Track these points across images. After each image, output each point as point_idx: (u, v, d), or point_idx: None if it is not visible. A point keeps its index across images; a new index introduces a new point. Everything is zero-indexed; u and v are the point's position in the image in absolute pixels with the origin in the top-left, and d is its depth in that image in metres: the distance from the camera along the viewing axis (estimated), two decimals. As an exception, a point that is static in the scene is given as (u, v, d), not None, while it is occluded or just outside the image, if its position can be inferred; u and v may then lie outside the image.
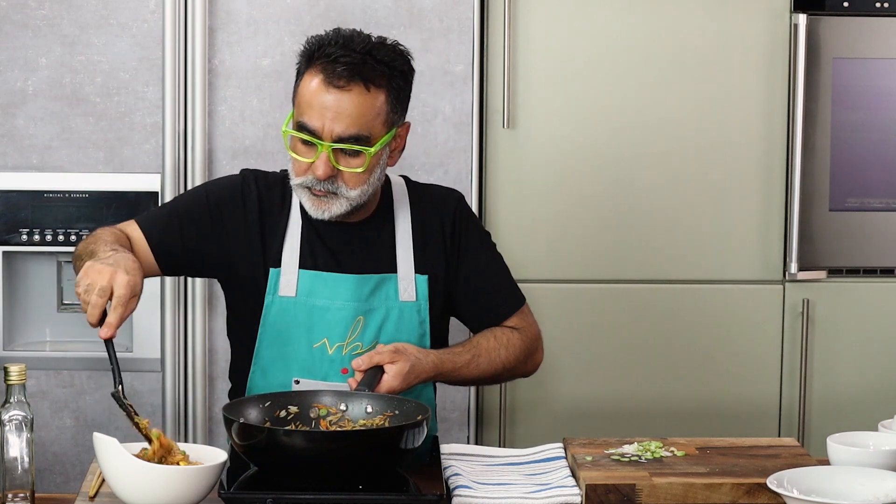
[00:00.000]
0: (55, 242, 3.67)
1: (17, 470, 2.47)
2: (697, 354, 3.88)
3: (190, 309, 3.69)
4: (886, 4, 3.84)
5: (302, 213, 2.90)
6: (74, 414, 3.71)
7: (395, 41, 2.85)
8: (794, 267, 3.83)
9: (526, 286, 3.09)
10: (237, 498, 2.44)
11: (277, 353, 2.88)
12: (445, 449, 2.78)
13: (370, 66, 2.77)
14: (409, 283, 2.90)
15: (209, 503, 2.46)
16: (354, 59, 2.76)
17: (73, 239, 3.65)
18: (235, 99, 3.69)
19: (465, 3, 3.70)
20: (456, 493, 2.53)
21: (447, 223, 2.96)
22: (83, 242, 2.79)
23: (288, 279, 2.87)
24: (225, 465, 2.48)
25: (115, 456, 2.40)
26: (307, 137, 2.78)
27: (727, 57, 3.82)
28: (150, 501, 2.40)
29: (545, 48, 3.79)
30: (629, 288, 3.86)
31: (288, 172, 2.93)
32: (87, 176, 3.67)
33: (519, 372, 3.01)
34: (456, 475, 2.60)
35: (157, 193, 3.65)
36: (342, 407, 2.69)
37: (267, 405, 2.66)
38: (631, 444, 2.77)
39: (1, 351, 3.68)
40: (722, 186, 3.85)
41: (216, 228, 2.89)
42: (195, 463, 2.46)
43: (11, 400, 2.47)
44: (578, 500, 2.52)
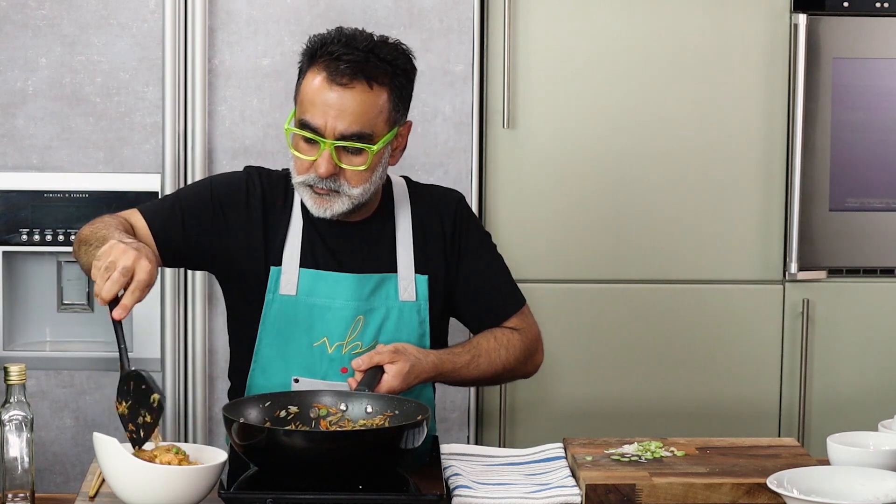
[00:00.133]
0: (55, 242, 3.66)
1: (17, 470, 2.47)
2: (697, 354, 3.88)
3: (190, 308, 3.69)
4: (886, 4, 3.84)
5: (303, 211, 2.90)
6: (74, 414, 3.71)
7: (396, 40, 2.85)
8: (794, 267, 3.83)
9: (526, 286, 3.09)
10: (237, 498, 2.44)
11: (277, 351, 2.88)
12: (445, 449, 2.77)
13: (373, 64, 2.77)
14: (409, 282, 2.90)
15: (209, 503, 2.46)
16: (357, 57, 2.76)
17: (73, 239, 3.64)
18: (235, 99, 3.69)
19: (465, 3, 3.70)
20: (456, 493, 2.53)
21: (447, 223, 2.96)
22: (88, 227, 2.78)
23: (288, 278, 2.87)
24: (225, 465, 2.48)
25: (115, 456, 2.40)
26: (310, 135, 2.78)
27: (727, 57, 3.82)
28: (150, 501, 2.40)
29: (545, 48, 3.79)
30: (629, 288, 3.86)
31: (290, 171, 2.94)
32: (87, 176, 3.67)
33: (519, 373, 3.01)
34: (456, 475, 2.60)
35: (157, 193, 3.64)
36: (342, 407, 2.69)
37: (267, 405, 2.66)
38: (631, 444, 2.76)
39: (1, 351, 3.68)
40: (722, 186, 3.85)
41: (218, 223, 2.89)
42: (195, 463, 2.46)
43: (11, 400, 2.47)
44: (578, 500, 2.52)
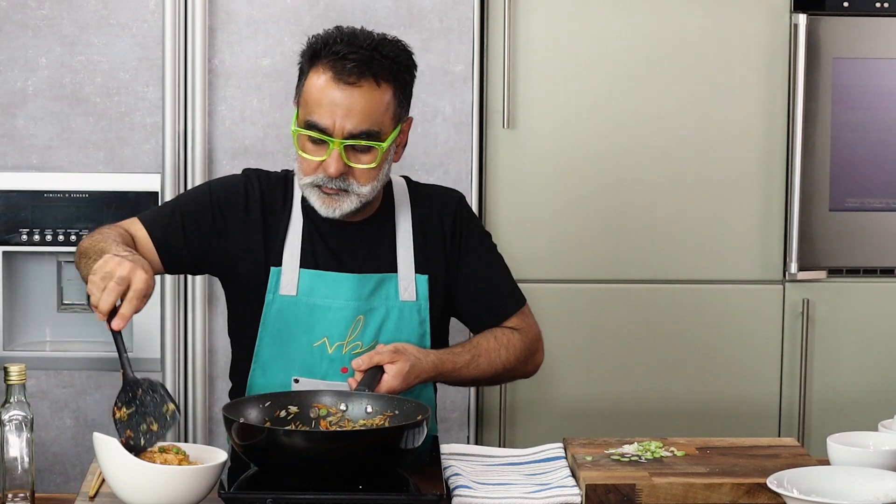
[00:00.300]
0: (55, 242, 3.66)
1: (17, 470, 2.47)
2: (697, 354, 3.88)
3: (190, 309, 3.69)
4: (886, 4, 3.84)
5: (304, 212, 2.90)
6: (74, 414, 3.71)
7: (395, 37, 2.85)
8: (794, 267, 3.83)
9: (526, 286, 3.09)
10: (237, 498, 2.44)
11: (278, 352, 2.88)
12: (445, 449, 2.77)
13: (378, 61, 2.78)
14: (409, 282, 2.90)
15: (209, 503, 2.46)
16: (363, 55, 2.77)
17: (73, 239, 3.65)
18: (235, 99, 3.69)
19: (465, 3, 3.70)
20: (456, 493, 2.53)
21: (448, 223, 2.96)
22: (88, 239, 2.78)
23: (288, 278, 2.87)
24: (225, 465, 2.48)
25: (115, 456, 2.40)
26: (317, 136, 2.78)
27: (727, 57, 3.82)
28: (150, 501, 2.40)
29: (545, 48, 3.79)
30: (629, 288, 3.86)
31: (289, 172, 2.94)
32: (87, 176, 3.67)
33: (519, 373, 3.01)
34: (456, 475, 2.60)
35: (157, 193, 3.65)
36: (342, 407, 2.68)
37: (267, 405, 2.66)
38: (631, 444, 2.76)
39: (1, 351, 3.68)
40: (722, 186, 3.85)
41: (218, 227, 2.89)
42: (195, 463, 2.46)
43: (11, 400, 2.47)
44: (578, 500, 2.52)
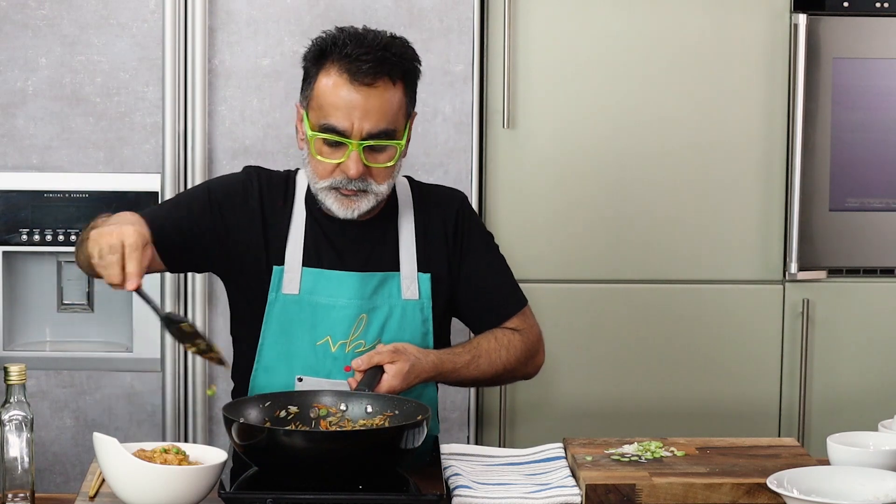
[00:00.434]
0: (55, 242, 3.66)
1: (17, 470, 2.47)
2: (697, 354, 3.88)
3: (190, 308, 3.69)
4: (886, 4, 3.84)
5: (307, 211, 2.90)
6: (74, 414, 3.71)
7: (393, 34, 2.86)
8: (794, 267, 3.83)
9: (526, 286, 3.09)
10: (237, 498, 2.44)
11: (280, 351, 2.88)
12: (445, 449, 2.77)
13: (390, 60, 2.79)
14: (411, 281, 2.90)
15: (209, 503, 2.46)
16: (377, 55, 2.77)
17: (72, 239, 3.64)
18: (235, 99, 3.69)
19: (465, 3, 3.70)
20: (456, 493, 2.53)
21: (450, 223, 2.96)
22: (85, 231, 2.78)
23: (291, 277, 2.87)
24: (225, 465, 2.48)
25: (115, 456, 2.40)
26: (335, 138, 2.78)
27: (727, 57, 3.82)
28: (150, 501, 2.40)
29: (545, 48, 3.79)
30: (629, 288, 3.86)
31: (291, 172, 2.94)
32: (87, 176, 3.67)
33: (519, 374, 3.00)
34: (456, 475, 2.60)
35: (157, 193, 3.65)
36: (342, 407, 2.69)
37: (267, 405, 2.66)
38: (631, 444, 2.76)
39: (1, 351, 3.68)
40: (722, 186, 3.85)
41: (218, 225, 2.89)
42: (195, 463, 2.46)
43: (11, 400, 2.47)
44: (578, 500, 2.52)
